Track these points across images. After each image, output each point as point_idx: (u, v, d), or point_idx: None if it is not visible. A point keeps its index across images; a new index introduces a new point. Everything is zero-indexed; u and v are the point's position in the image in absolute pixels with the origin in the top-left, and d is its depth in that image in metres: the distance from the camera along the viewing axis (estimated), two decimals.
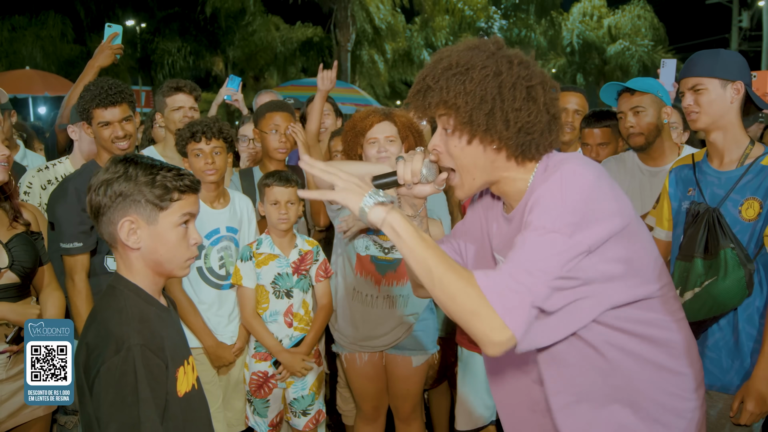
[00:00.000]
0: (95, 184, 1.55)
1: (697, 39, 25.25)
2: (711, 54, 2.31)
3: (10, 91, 11.45)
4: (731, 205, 2.24)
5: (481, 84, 1.39)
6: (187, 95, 3.36)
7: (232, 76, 4.29)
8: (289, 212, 2.87)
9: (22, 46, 19.37)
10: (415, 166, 1.52)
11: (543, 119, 1.42)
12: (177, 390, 1.56)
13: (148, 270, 1.59)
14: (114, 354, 1.42)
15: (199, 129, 2.83)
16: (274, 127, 3.23)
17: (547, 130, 1.44)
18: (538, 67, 1.46)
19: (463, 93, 1.39)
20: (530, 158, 1.47)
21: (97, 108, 2.67)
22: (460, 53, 1.44)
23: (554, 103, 1.45)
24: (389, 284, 2.85)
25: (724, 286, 2.16)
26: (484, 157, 1.45)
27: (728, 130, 2.29)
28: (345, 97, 12.15)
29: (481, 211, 1.69)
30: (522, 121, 1.40)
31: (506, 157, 1.46)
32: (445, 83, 1.41)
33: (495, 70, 1.40)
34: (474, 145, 1.44)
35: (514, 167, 1.48)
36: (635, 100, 2.88)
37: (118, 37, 3.48)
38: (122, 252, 1.58)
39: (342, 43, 20.00)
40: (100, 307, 1.57)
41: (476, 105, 1.39)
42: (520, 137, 1.42)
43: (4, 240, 2.37)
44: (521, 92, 1.40)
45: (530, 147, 1.44)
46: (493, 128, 1.40)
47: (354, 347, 2.91)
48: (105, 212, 1.54)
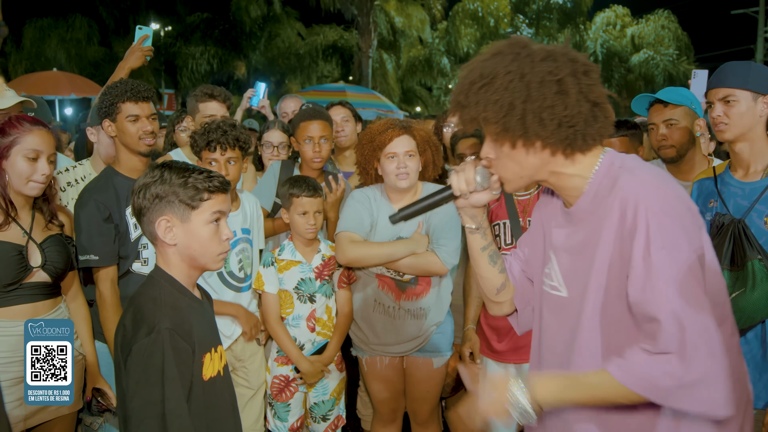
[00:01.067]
0: (137, 188, 1.71)
1: (722, 49, 24.99)
2: (743, 66, 2.29)
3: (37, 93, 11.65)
4: (756, 216, 2.22)
5: (507, 90, 1.38)
6: (220, 104, 3.38)
7: (258, 82, 4.33)
8: (317, 221, 2.88)
9: (47, 49, 19.68)
10: (468, 176, 1.54)
11: (583, 109, 1.39)
12: (203, 374, 1.67)
13: (183, 264, 1.73)
14: (145, 336, 1.56)
15: (215, 138, 2.74)
16: (308, 137, 3.18)
17: (592, 117, 1.40)
18: (569, 54, 1.41)
19: (492, 104, 1.39)
20: (580, 150, 1.44)
21: (127, 102, 2.66)
22: (484, 63, 1.43)
23: (592, 88, 1.40)
24: (409, 299, 2.86)
25: (752, 299, 2.14)
26: (530, 158, 1.45)
27: (755, 141, 2.28)
28: (365, 103, 12.18)
29: (541, 211, 1.69)
30: (558, 116, 1.37)
31: (552, 154, 1.44)
32: (474, 98, 1.42)
33: (519, 72, 1.38)
34: (519, 149, 1.44)
35: (563, 161, 1.45)
36: (668, 112, 2.83)
37: (149, 39, 3.51)
38: (161, 248, 1.73)
39: (363, 48, 20.06)
40: (138, 294, 1.71)
41: (507, 112, 1.38)
42: (561, 132, 1.39)
43: (38, 240, 2.43)
44: (551, 88, 1.37)
45: (576, 139, 1.41)
46: (530, 130, 1.39)
47: (375, 351, 2.92)
48: (145, 213, 1.70)
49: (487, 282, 1.71)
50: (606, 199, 1.41)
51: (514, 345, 2.80)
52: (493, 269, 1.69)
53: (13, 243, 2.36)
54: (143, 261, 2.71)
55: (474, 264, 1.71)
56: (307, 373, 2.87)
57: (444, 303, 2.93)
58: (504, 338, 2.83)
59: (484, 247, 1.67)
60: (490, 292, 1.72)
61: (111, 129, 2.71)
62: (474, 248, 1.68)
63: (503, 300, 1.73)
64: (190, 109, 3.47)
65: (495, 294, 1.72)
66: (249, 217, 2.97)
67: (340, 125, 3.86)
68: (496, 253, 1.69)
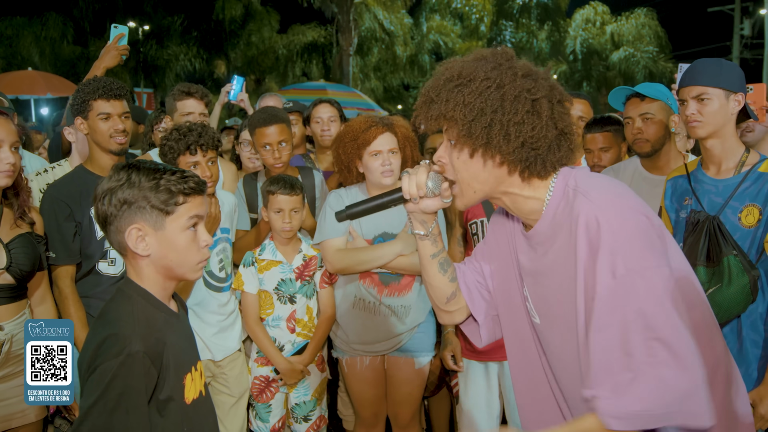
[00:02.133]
0: (100, 193, 1.53)
1: (699, 47, 25.32)
2: (715, 63, 2.31)
3: (12, 92, 11.47)
4: (731, 213, 2.25)
5: (482, 96, 1.34)
6: (198, 101, 3.34)
7: (235, 75, 4.27)
8: (293, 220, 2.85)
9: (22, 47, 19.38)
10: (420, 180, 1.49)
11: (549, 134, 1.36)
12: (185, 397, 1.55)
13: (158, 276, 1.57)
14: (114, 357, 1.41)
15: (194, 141, 2.62)
16: (266, 144, 3.07)
17: (555, 145, 1.38)
18: (549, 80, 1.40)
19: (462, 105, 1.35)
20: (537, 175, 1.40)
21: (98, 99, 2.61)
22: (465, 64, 1.40)
23: (563, 117, 1.38)
24: (392, 294, 2.85)
25: (729, 293, 2.16)
26: (485, 171, 1.40)
27: (726, 138, 2.30)
28: (347, 101, 12.15)
29: (497, 232, 1.64)
30: (524, 135, 1.34)
31: (508, 173, 1.40)
32: (446, 95, 1.38)
33: (498, 81, 1.35)
34: (476, 159, 1.39)
35: (520, 183, 1.41)
36: (644, 106, 2.85)
37: (124, 38, 3.45)
38: (131, 259, 1.57)
39: (344, 47, 20.03)
40: (109, 309, 1.56)
41: (475, 117, 1.34)
42: (523, 152, 1.35)
43: (5, 240, 2.34)
44: (524, 105, 1.34)
45: (535, 163, 1.37)
46: (492, 142, 1.35)
47: (355, 351, 2.90)
48: (112, 221, 1.52)
49: (436, 290, 1.66)
50: (565, 223, 1.38)
51: (496, 343, 2.78)
52: (443, 277, 1.64)
53: None
54: (110, 261, 2.65)
55: (423, 271, 1.66)
56: (286, 373, 2.85)
57: (426, 302, 2.93)
58: None
59: (434, 254, 1.62)
60: (440, 300, 1.67)
61: (83, 127, 2.67)
62: (423, 255, 1.63)
63: (453, 309, 1.69)
64: (169, 108, 3.43)
65: (445, 303, 1.67)
66: (227, 216, 2.93)
67: (327, 124, 3.81)
68: (447, 261, 1.64)
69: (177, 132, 2.67)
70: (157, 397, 1.47)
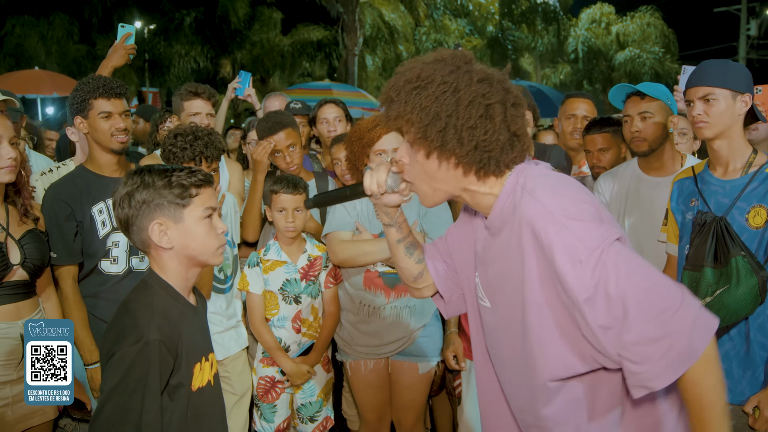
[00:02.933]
0: (117, 199, 1.66)
1: (705, 47, 25.22)
2: (721, 64, 2.30)
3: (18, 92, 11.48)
4: (738, 213, 2.24)
5: (438, 100, 1.38)
6: (205, 101, 3.33)
7: (242, 72, 4.28)
8: (297, 220, 2.86)
9: (28, 47, 19.45)
10: (380, 178, 1.58)
11: (502, 137, 1.41)
12: (192, 384, 1.64)
13: (181, 267, 1.69)
14: (133, 344, 1.52)
15: (199, 152, 2.58)
16: (276, 151, 3.12)
17: (509, 147, 1.43)
18: (505, 83, 1.44)
19: (419, 108, 1.39)
20: (493, 174, 1.46)
21: (99, 98, 2.59)
22: (424, 66, 1.43)
23: (516, 120, 1.43)
24: (398, 296, 2.84)
25: (737, 295, 2.15)
26: (441, 171, 1.45)
27: (733, 139, 2.29)
28: (352, 101, 12.15)
29: (469, 218, 1.71)
30: (477, 139, 1.39)
31: (464, 173, 1.45)
32: (404, 97, 1.42)
33: (454, 86, 1.38)
34: (432, 160, 1.44)
35: (476, 182, 1.47)
36: (644, 105, 2.81)
37: (131, 37, 3.45)
38: (155, 254, 1.69)
39: (349, 46, 20.04)
40: (130, 299, 1.67)
41: (430, 121, 1.39)
42: (476, 155, 1.41)
43: (16, 236, 2.36)
44: (478, 110, 1.38)
45: (489, 164, 1.42)
46: (447, 145, 1.40)
47: (359, 354, 2.90)
48: (134, 222, 1.65)
49: (404, 271, 1.80)
50: (510, 219, 1.44)
51: None
52: (410, 260, 1.77)
53: None
54: (113, 259, 2.64)
55: (391, 254, 1.80)
56: (292, 374, 2.85)
57: (430, 302, 2.92)
58: None
59: (399, 240, 1.74)
60: (408, 279, 1.81)
61: (83, 126, 2.64)
62: (390, 240, 1.75)
63: (422, 286, 1.82)
64: (175, 107, 3.43)
65: (413, 281, 1.81)
66: (227, 217, 2.94)
67: (333, 124, 3.82)
68: (412, 245, 1.76)
69: (183, 139, 2.60)
70: (170, 382, 1.59)
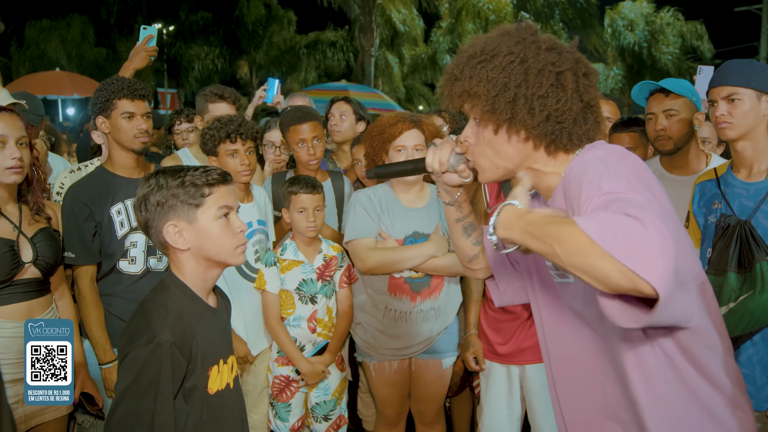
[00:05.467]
0: (136, 203, 1.68)
1: (726, 47, 24.90)
2: (746, 64, 2.26)
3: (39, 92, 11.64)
4: (762, 217, 2.19)
5: (505, 71, 1.34)
6: (230, 105, 3.37)
7: (270, 79, 4.25)
8: (317, 219, 2.86)
9: (49, 49, 19.70)
10: (443, 156, 1.53)
11: (575, 107, 1.35)
12: (209, 387, 1.64)
13: (199, 267, 1.68)
14: (145, 345, 1.52)
15: (234, 129, 2.79)
16: (300, 140, 3.15)
17: (582, 118, 1.37)
18: (575, 54, 1.39)
19: (485, 81, 1.36)
20: (563, 149, 1.39)
21: (123, 99, 2.61)
22: (488, 40, 1.40)
23: (589, 90, 1.37)
24: (424, 299, 2.85)
25: (762, 301, 2.10)
26: (511, 147, 1.40)
27: (758, 141, 2.25)
28: (368, 102, 12.15)
29: None
30: (549, 108, 1.33)
31: (534, 147, 1.39)
32: (469, 72, 1.38)
33: (521, 56, 1.34)
34: (501, 135, 1.39)
35: (545, 158, 1.41)
36: (669, 102, 2.75)
37: (153, 39, 3.47)
38: (173, 255, 1.69)
39: (366, 47, 20.06)
40: (147, 299, 1.67)
41: (498, 92, 1.34)
42: (548, 126, 1.35)
43: (29, 234, 2.38)
44: (548, 78, 1.33)
45: (561, 136, 1.36)
46: (517, 116, 1.35)
47: (383, 356, 2.90)
48: (151, 224, 1.65)
49: (460, 251, 1.75)
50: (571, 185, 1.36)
51: (518, 347, 2.78)
52: (467, 240, 1.71)
53: (4, 238, 2.30)
54: (131, 259, 2.66)
55: (449, 231, 1.75)
56: (307, 374, 2.86)
57: (455, 300, 2.94)
58: (508, 341, 2.80)
59: (458, 219, 1.69)
60: (463, 259, 1.76)
61: (105, 126, 2.66)
62: (449, 218, 1.70)
63: (477, 268, 1.76)
64: (199, 108, 3.45)
65: (467, 261, 1.75)
66: (263, 209, 3.00)
67: (337, 120, 3.88)
68: (471, 225, 1.70)
69: (218, 122, 2.83)
70: (184, 385, 1.59)
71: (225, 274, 2.72)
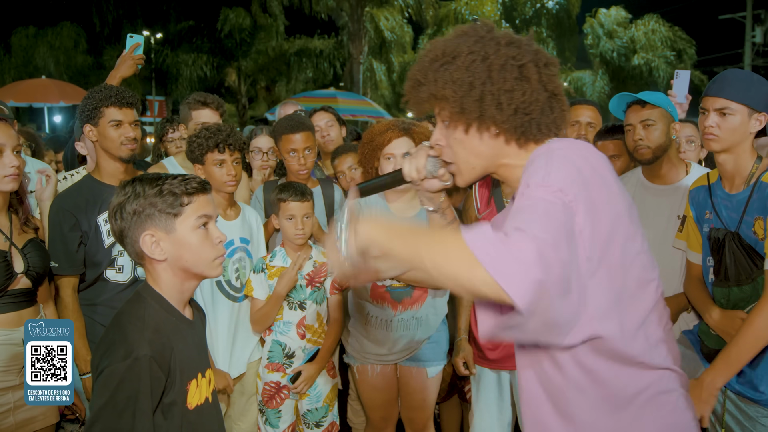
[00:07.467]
0: (111, 211, 1.61)
1: (711, 54, 25.20)
2: (745, 77, 2.25)
3: (26, 100, 11.56)
4: (746, 227, 2.21)
5: (468, 70, 1.35)
6: (213, 111, 3.34)
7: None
8: (305, 226, 2.86)
9: (36, 56, 19.61)
10: (419, 163, 1.54)
11: (541, 97, 1.37)
12: (188, 402, 1.58)
13: (176, 279, 1.62)
14: (122, 360, 1.45)
15: (223, 140, 2.75)
16: (292, 150, 3.14)
17: (548, 107, 1.38)
18: (533, 45, 1.41)
19: (451, 82, 1.36)
20: (534, 140, 1.41)
21: (110, 107, 2.61)
22: (447, 42, 1.41)
23: (552, 79, 1.39)
24: (405, 309, 2.85)
25: None
26: (483, 144, 1.41)
27: (739, 155, 2.26)
28: (357, 109, 12.20)
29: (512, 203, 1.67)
30: (516, 101, 1.35)
31: (506, 142, 1.41)
32: (433, 75, 1.39)
33: (482, 54, 1.35)
34: (471, 134, 1.40)
35: (516, 152, 1.42)
36: (646, 113, 2.78)
37: (140, 47, 3.44)
38: (149, 266, 1.63)
39: (354, 55, 20.12)
40: (123, 311, 1.61)
41: (465, 92, 1.35)
42: (517, 119, 1.36)
43: (19, 245, 2.38)
44: (512, 72, 1.35)
45: (530, 127, 1.38)
46: (486, 113, 1.36)
47: (366, 359, 2.91)
48: (127, 234, 1.59)
49: None
50: None
51: (508, 352, 2.79)
52: None
53: None
54: (118, 268, 2.64)
55: None
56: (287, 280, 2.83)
57: (440, 312, 2.93)
58: (498, 346, 2.81)
59: (443, 226, 1.70)
60: None
61: (92, 134, 2.65)
62: (434, 226, 1.71)
63: None
64: (183, 116, 3.44)
65: None
66: (249, 227, 2.95)
67: (325, 130, 3.90)
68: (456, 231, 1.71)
69: (207, 130, 2.80)
70: (162, 401, 1.52)
71: (202, 289, 2.70)
